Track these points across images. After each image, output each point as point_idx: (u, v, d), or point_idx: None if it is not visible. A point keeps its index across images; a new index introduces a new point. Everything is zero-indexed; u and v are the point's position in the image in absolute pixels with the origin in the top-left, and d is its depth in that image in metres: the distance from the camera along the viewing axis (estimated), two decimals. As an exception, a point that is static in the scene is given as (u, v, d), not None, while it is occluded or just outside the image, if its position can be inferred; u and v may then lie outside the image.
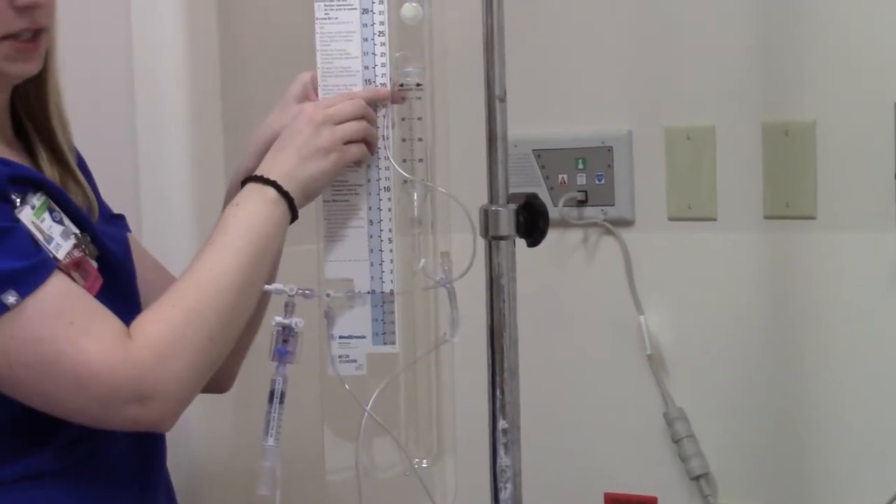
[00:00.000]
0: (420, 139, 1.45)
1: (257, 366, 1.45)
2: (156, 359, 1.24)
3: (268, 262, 1.36)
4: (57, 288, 1.23)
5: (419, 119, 1.45)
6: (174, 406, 1.26)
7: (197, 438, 1.77)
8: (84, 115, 1.62)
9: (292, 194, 1.37)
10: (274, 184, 1.37)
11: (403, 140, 1.45)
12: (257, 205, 1.36)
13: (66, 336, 1.21)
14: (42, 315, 1.21)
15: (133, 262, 1.42)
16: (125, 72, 1.78)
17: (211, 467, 1.81)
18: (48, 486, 1.29)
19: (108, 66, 1.79)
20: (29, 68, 1.33)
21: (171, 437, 1.41)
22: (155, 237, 1.72)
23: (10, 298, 1.20)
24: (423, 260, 1.44)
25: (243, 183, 1.39)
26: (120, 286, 1.36)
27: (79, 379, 1.21)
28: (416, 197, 1.45)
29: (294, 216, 1.39)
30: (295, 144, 1.39)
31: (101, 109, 1.78)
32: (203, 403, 1.50)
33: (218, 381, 1.46)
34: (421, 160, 1.45)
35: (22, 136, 1.39)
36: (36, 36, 1.31)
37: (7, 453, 1.27)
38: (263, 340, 1.43)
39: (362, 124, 1.42)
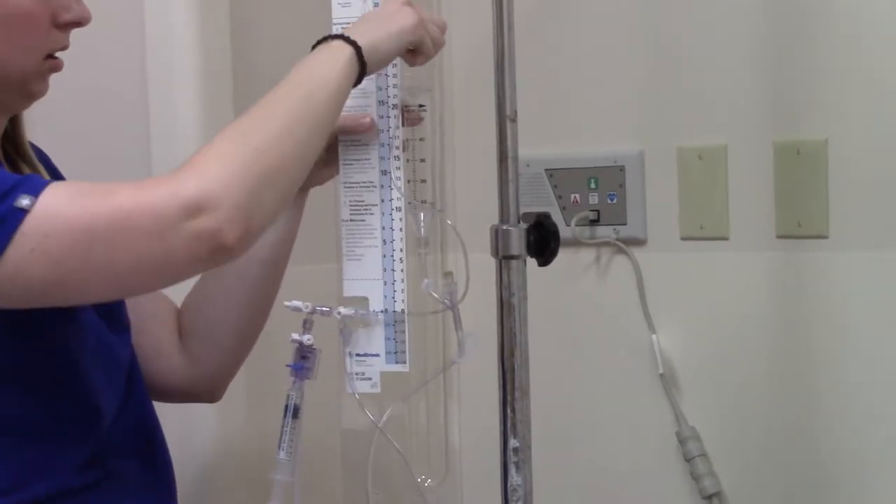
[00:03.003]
0: (422, 160, 1.46)
1: (275, 378, 1.45)
2: (191, 170, 1.17)
3: (324, 103, 1.29)
4: (63, 183, 1.19)
5: (421, 140, 1.46)
6: (233, 212, 1.15)
7: (209, 448, 1.77)
8: (98, 134, 1.63)
9: (360, 44, 1.31)
10: (340, 36, 1.32)
11: (407, 161, 1.45)
12: (321, 53, 1.32)
13: (92, 201, 1.15)
14: (62, 200, 1.15)
15: None
16: (140, 94, 1.79)
17: (222, 479, 1.81)
18: None
19: (122, 87, 1.81)
20: (47, 88, 1.33)
21: (181, 447, 1.41)
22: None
23: (24, 201, 1.13)
24: (426, 280, 1.44)
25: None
26: (110, 313, 1.35)
27: (115, 224, 1.14)
28: (422, 217, 1.46)
29: (362, 71, 1.32)
30: (376, 14, 1.37)
31: (116, 129, 1.79)
32: (216, 414, 1.50)
33: (209, 390, 1.48)
34: (424, 181, 1.46)
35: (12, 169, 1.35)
36: None
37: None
38: (284, 354, 1.42)
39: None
